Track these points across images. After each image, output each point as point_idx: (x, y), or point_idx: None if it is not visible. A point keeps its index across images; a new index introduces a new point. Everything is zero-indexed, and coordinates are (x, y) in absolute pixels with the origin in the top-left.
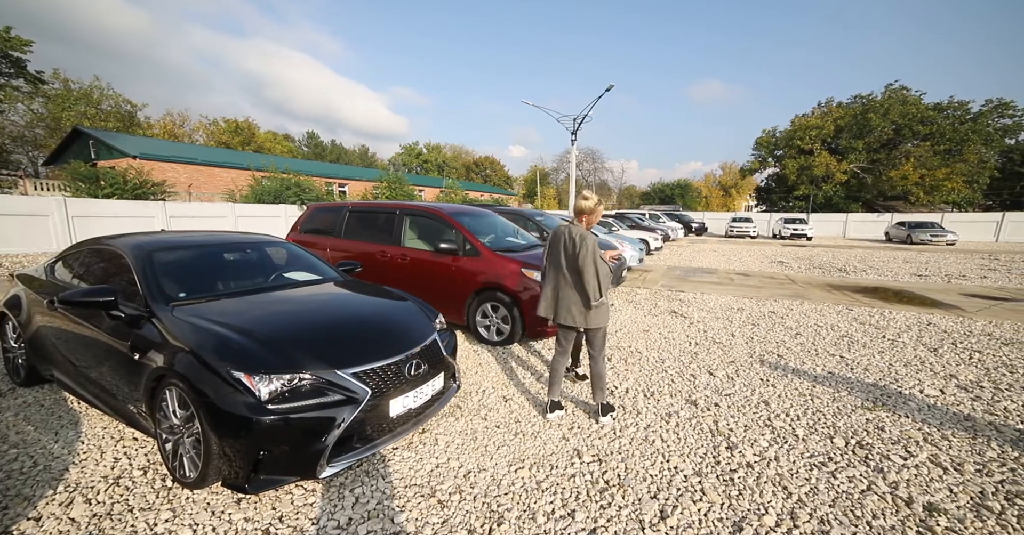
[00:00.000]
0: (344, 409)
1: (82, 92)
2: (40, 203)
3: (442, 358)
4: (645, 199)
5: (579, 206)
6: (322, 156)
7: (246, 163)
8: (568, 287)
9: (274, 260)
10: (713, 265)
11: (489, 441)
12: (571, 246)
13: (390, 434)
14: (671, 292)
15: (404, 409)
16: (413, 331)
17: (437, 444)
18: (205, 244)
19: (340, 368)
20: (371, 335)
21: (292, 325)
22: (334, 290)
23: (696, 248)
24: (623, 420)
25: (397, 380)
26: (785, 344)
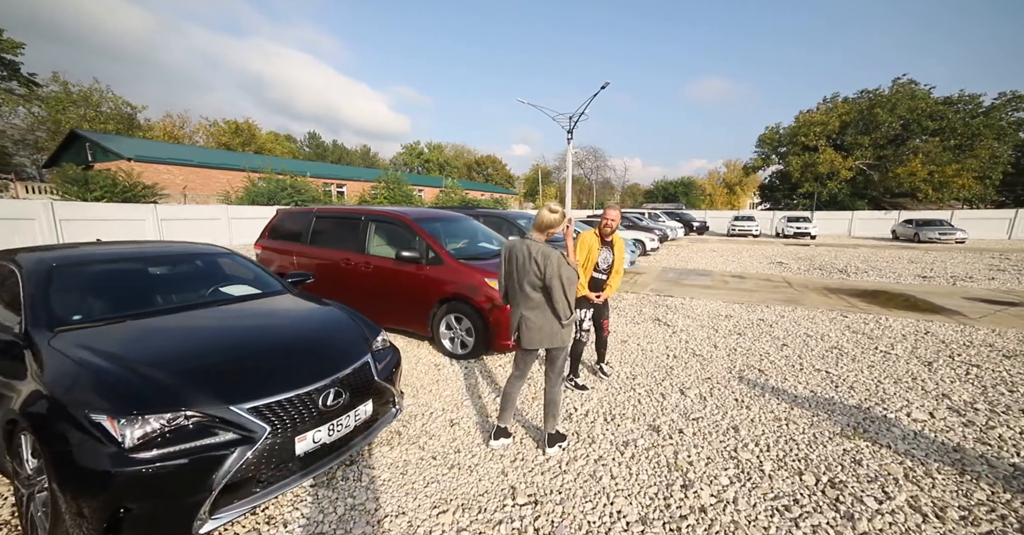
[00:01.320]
0: (235, 451)
1: (81, 95)
2: (26, 206)
3: (372, 383)
4: (648, 197)
5: (545, 219)
6: (323, 156)
7: (242, 164)
8: (532, 308)
9: (212, 273)
10: (709, 267)
11: (420, 476)
12: (534, 265)
13: (298, 474)
14: (659, 297)
15: (316, 445)
16: (338, 355)
17: (360, 480)
18: (126, 258)
19: (236, 402)
20: (283, 361)
21: (191, 353)
22: (264, 308)
23: (695, 248)
24: (573, 450)
25: (308, 413)
26: (769, 357)
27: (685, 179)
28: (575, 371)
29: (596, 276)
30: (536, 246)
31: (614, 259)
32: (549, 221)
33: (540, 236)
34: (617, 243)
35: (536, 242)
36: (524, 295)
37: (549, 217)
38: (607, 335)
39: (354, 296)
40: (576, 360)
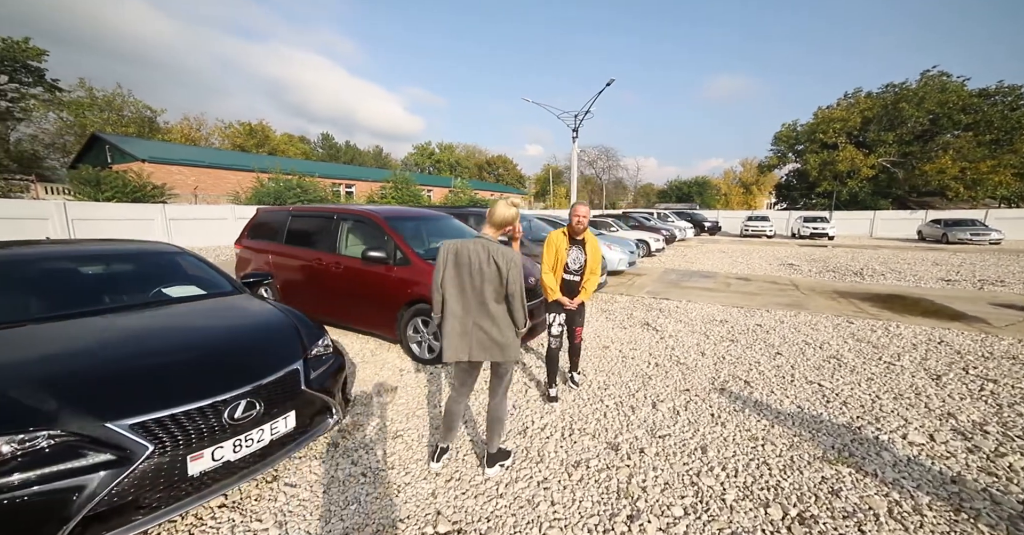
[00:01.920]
0: (102, 475)
1: (105, 99)
2: (40, 207)
3: (298, 393)
4: (662, 197)
5: (502, 215)
6: (336, 157)
7: (252, 165)
8: (486, 317)
9: (157, 274)
10: (715, 268)
11: (342, 495)
12: (493, 267)
13: (193, 497)
14: (654, 300)
15: (217, 463)
16: (258, 363)
17: (276, 500)
18: (59, 257)
19: (115, 418)
20: (189, 371)
21: (79, 362)
22: (198, 310)
23: (704, 249)
24: (518, 470)
25: (209, 427)
26: (759, 367)
27: (700, 179)
28: (552, 381)
29: (568, 278)
30: (494, 246)
31: (587, 259)
32: (506, 217)
33: (494, 233)
34: (590, 242)
35: (492, 241)
36: (480, 303)
37: (507, 212)
38: (579, 342)
39: (324, 297)
40: (552, 368)
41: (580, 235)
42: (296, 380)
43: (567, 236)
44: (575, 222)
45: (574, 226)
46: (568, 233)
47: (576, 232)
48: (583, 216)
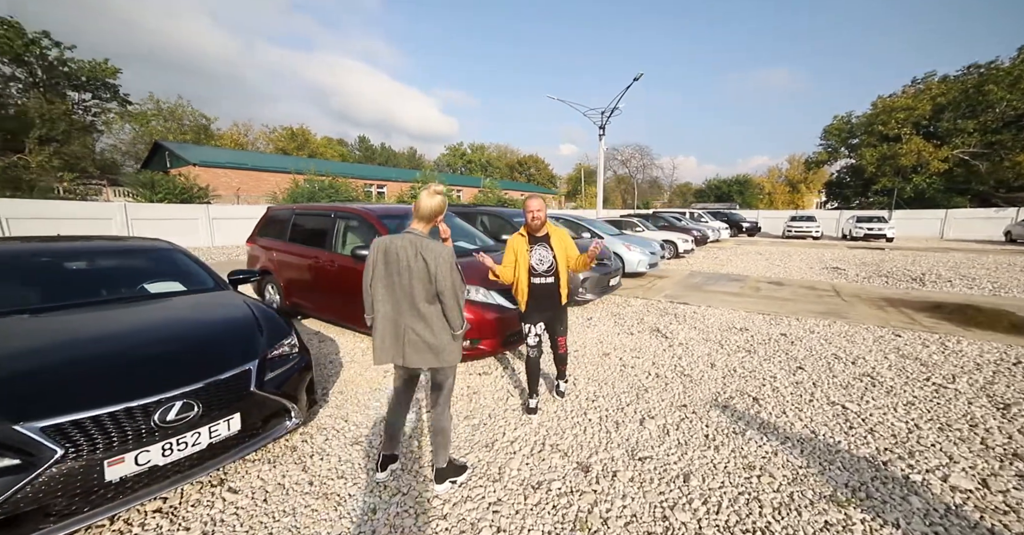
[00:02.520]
0: (5, 479)
1: (168, 110)
2: (105, 208)
3: (245, 395)
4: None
5: (428, 207)
6: (372, 159)
7: (289, 167)
8: (418, 319)
9: (143, 270)
10: (746, 271)
11: (282, 505)
12: (421, 263)
13: (113, 503)
14: (671, 304)
15: (142, 467)
16: (204, 362)
17: (213, 506)
18: (47, 252)
19: (27, 419)
20: (125, 370)
21: (6, 358)
22: (167, 306)
23: (739, 251)
24: (470, 489)
25: (134, 430)
26: (774, 382)
27: (741, 177)
28: (532, 390)
29: (537, 282)
30: (423, 241)
31: (556, 255)
32: (432, 207)
33: (423, 227)
34: (556, 235)
35: (421, 236)
36: (410, 303)
37: (431, 202)
38: (564, 353)
39: (322, 295)
40: (532, 378)
41: (540, 231)
42: (244, 381)
43: (526, 236)
44: (529, 219)
45: (529, 223)
46: (526, 232)
47: (534, 229)
48: (536, 211)
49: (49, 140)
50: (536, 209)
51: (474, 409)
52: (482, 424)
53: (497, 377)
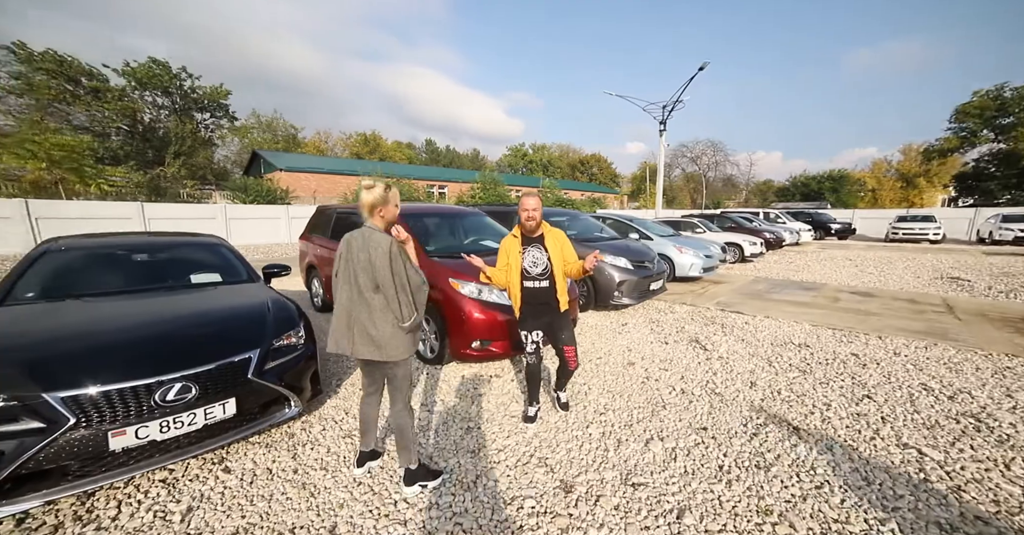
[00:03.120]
0: (31, 439)
1: (266, 122)
2: (211, 209)
3: (242, 382)
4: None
5: (364, 201)
6: (437, 160)
7: (359, 170)
8: (364, 309)
9: (192, 262)
10: (826, 279)
11: (263, 490)
12: (365, 256)
13: (117, 470)
14: (722, 312)
15: (142, 441)
16: (207, 349)
17: (206, 483)
18: (123, 246)
19: (52, 390)
20: (137, 351)
21: (61, 335)
22: (198, 296)
23: (822, 255)
24: (440, 495)
25: (137, 407)
26: (827, 411)
27: (835, 172)
28: (532, 398)
29: (529, 285)
30: (369, 233)
31: (551, 257)
32: (367, 200)
33: (374, 222)
34: (552, 236)
35: (372, 229)
36: (359, 293)
37: (365, 196)
38: (573, 368)
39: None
40: (532, 385)
41: (535, 232)
42: (242, 369)
43: (519, 237)
44: (524, 218)
45: (523, 223)
46: (520, 233)
47: (528, 230)
48: (532, 210)
49: (179, 154)
50: (532, 208)
51: (473, 412)
52: (475, 428)
53: (507, 381)
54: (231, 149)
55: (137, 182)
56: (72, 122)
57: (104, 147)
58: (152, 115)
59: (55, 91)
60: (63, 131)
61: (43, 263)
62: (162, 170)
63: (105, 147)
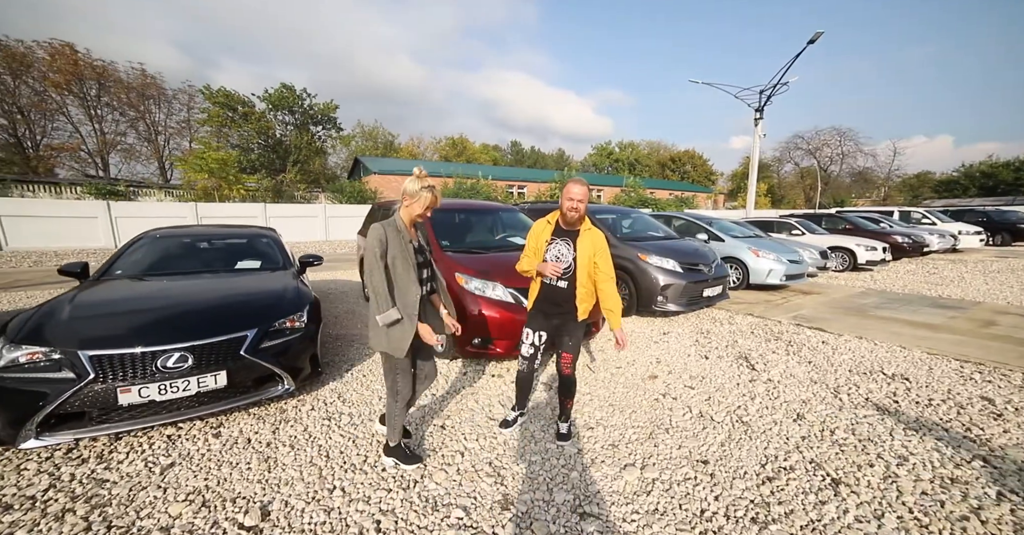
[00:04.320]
0: (62, 387)
1: (368, 131)
2: (313, 208)
3: (236, 358)
4: (943, 190)
5: (403, 189)
6: (522, 162)
7: (442, 172)
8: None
9: (243, 250)
10: (981, 296)
11: (231, 457)
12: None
13: (126, 421)
14: (795, 327)
15: (144, 399)
16: (210, 325)
17: (196, 443)
18: (195, 235)
19: (86, 349)
20: (154, 322)
21: (118, 306)
22: (233, 279)
23: (991, 267)
24: (388, 490)
25: (142, 370)
26: (900, 466)
27: None
28: (518, 404)
29: (548, 282)
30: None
31: (577, 258)
32: (406, 189)
33: (400, 212)
34: (587, 237)
35: (391, 219)
36: None
37: (406, 186)
38: (569, 374)
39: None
40: (521, 392)
41: (574, 226)
42: (236, 346)
43: (553, 224)
44: (567, 207)
45: (565, 213)
46: (557, 221)
47: (568, 221)
48: (577, 199)
49: (297, 162)
50: (577, 197)
51: (454, 411)
52: (447, 427)
53: (509, 380)
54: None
55: (266, 187)
56: (229, 141)
57: (247, 159)
58: (281, 131)
59: (222, 118)
60: (221, 149)
61: (137, 247)
62: (283, 176)
63: (247, 159)
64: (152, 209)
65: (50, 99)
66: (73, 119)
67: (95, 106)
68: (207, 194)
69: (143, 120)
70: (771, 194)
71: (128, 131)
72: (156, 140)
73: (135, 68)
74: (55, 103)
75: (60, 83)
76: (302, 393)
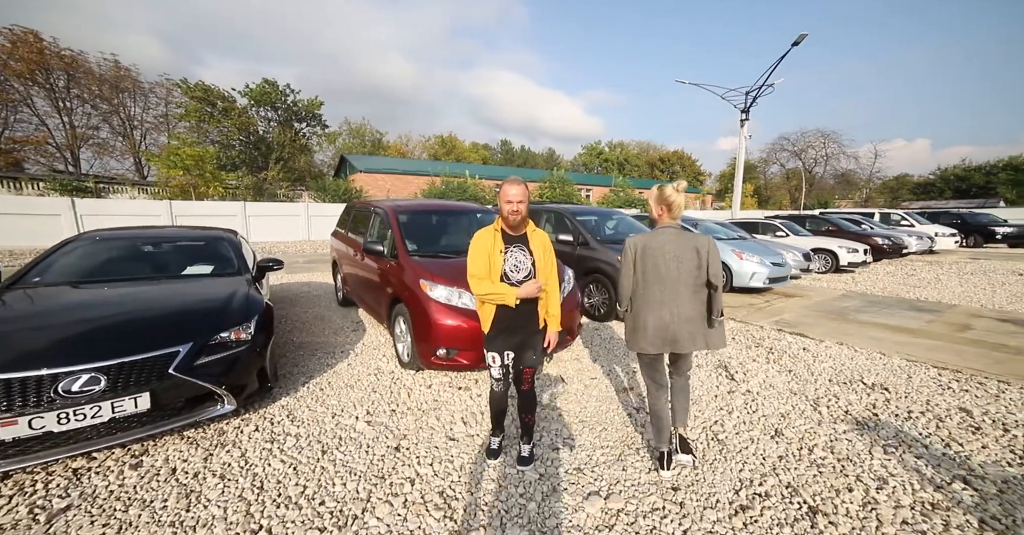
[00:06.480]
0: None
1: (355, 129)
2: (296, 207)
3: (165, 376)
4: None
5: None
6: (512, 161)
7: (430, 170)
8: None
9: (193, 254)
10: (958, 299)
11: (146, 496)
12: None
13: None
14: (777, 333)
15: (36, 431)
16: (132, 340)
17: (107, 477)
18: (131, 238)
19: None
20: (63, 341)
21: (17, 321)
22: (173, 287)
23: (966, 268)
24: (305, 530)
25: (30, 397)
26: (875, 494)
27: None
28: (497, 428)
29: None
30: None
31: (535, 262)
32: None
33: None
34: (537, 238)
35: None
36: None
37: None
38: (528, 390)
39: (355, 284)
40: (496, 414)
41: (518, 230)
42: (164, 363)
43: (500, 232)
44: (506, 211)
45: (506, 218)
46: (502, 228)
47: (511, 225)
48: (517, 202)
49: (280, 159)
50: (516, 199)
51: (412, 430)
52: (401, 449)
53: (476, 393)
54: (327, 154)
55: (247, 185)
56: (209, 137)
57: (227, 156)
58: (264, 127)
59: (200, 114)
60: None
61: (67, 251)
62: (265, 174)
63: (227, 156)
64: (122, 207)
65: (12, 89)
66: (39, 111)
67: (64, 98)
68: (184, 192)
69: (117, 114)
70: (758, 195)
71: (101, 125)
72: (132, 135)
73: (107, 59)
74: (18, 93)
75: (23, 72)
76: (248, 411)
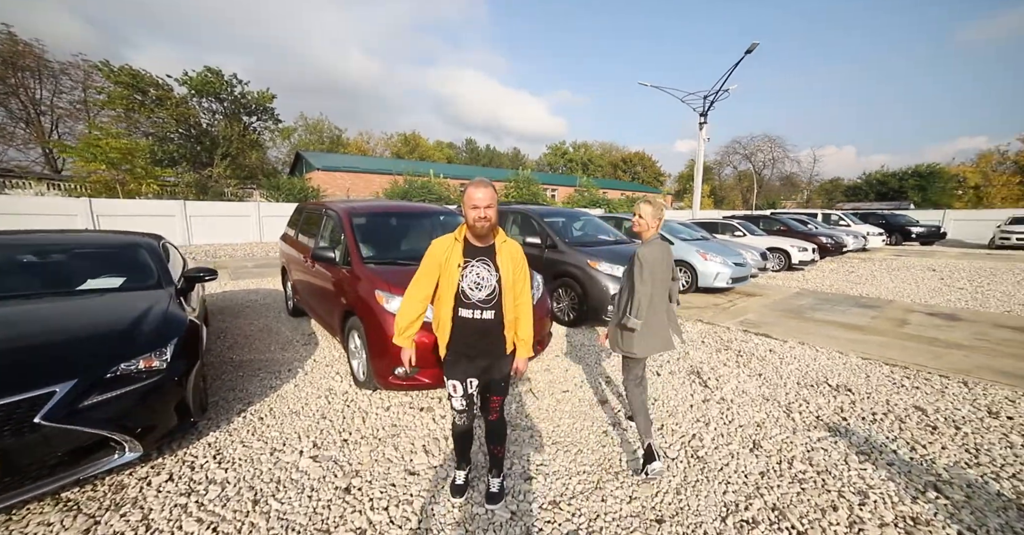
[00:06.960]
0: None
1: (312, 125)
2: (245, 207)
3: (25, 428)
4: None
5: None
6: (477, 160)
7: (393, 169)
8: None
9: (100, 263)
10: (893, 295)
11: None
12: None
13: None
14: (744, 334)
15: None
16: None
17: None
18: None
19: None
20: None
21: None
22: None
23: (894, 264)
24: None
25: None
26: (859, 511)
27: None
28: (462, 461)
29: (467, 315)
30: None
31: (500, 279)
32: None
33: None
34: (507, 251)
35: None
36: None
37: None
38: (496, 419)
39: (304, 292)
40: (462, 447)
41: (486, 240)
42: (27, 410)
43: (463, 242)
44: (472, 218)
45: (472, 225)
46: (466, 237)
47: (477, 234)
48: (484, 207)
49: (226, 155)
50: (483, 203)
51: (366, 463)
52: (352, 490)
53: (439, 414)
54: (281, 151)
55: (188, 182)
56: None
57: (163, 150)
58: (207, 120)
59: (128, 102)
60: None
61: None
62: (211, 171)
63: (164, 150)
64: (28, 205)
65: None
66: None
67: None
68: (109, 189)
69: (15, 96)
70: (713, 195)
71: None
72: (38, 122)
73: (0, 31)
74: None
75: None
76: (162, 455)
